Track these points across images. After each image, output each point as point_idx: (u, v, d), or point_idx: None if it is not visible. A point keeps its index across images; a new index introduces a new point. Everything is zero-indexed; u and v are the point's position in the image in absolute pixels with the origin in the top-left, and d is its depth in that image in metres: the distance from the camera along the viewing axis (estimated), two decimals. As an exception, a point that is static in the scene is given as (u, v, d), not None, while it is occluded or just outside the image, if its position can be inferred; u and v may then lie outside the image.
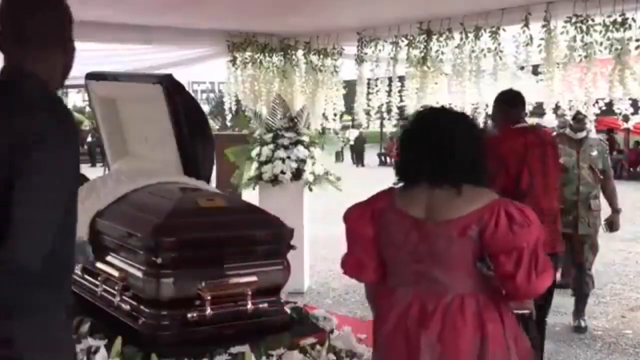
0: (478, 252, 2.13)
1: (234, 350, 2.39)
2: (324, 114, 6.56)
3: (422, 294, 2.14)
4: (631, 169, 20.96)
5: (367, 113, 6.11)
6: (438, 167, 2.14)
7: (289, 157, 6.40)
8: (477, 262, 2.16)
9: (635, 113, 4.49)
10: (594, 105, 4.61)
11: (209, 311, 2.44)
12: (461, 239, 2.10)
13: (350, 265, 2.31)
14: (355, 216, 2.29)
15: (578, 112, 5.05)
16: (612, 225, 5.69)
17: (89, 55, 6.47)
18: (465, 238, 2.10)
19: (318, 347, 2.54)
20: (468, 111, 5.28)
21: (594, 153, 5.51)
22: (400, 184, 2.25)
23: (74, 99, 48.87)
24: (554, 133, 5.77)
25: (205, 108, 32.08)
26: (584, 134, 5.47)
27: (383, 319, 2.21)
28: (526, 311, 2.51)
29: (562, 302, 6.18)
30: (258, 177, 6.49)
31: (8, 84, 1.74)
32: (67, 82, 2.03)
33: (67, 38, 1.89)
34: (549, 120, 5.04)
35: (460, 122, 2.26)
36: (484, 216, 2.10)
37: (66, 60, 1.92)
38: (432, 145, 2.16)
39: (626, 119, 4.46)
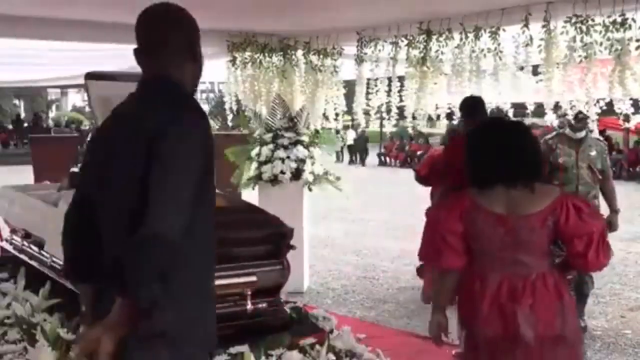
0: (553, 237, 2.71)
1: (234, 350, 2.39)
2: (324, 114, 6.56)
3: (510, 276, 2.66)
4: (631, 169, 20.96)
5: (367, 113, 6.12)
6: (512, 171, 2.66)
7: (288, 157, 6.40)
8: (550, 245, 2.75)
9: (635, 113, 4.49)
10: (595, 105, 4.62)
11: (209, 311, 2.44)
12: (541, 229, 2.65)
13: (429, 253, 2.84)
14: (444, 216, 2.77)
15: (580, 112, 5.06)
16: (610, 225, 5.69)
17: (89, 55, 6.49)
18: (544, 228, 2.65)
19: (318, 347, 2.54)
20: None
21: (593, 153, 5.51)
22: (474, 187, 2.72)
23: (74, 99, 48.91)
24: (554, 133, 5.76)
25: (205, 108, 32.09)
26: (583, 134, 5.47)
27: (477, 300, 2.67)
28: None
29: (562, 302, 6.19)
30: (258, 177, 6.49)
31: (154, 84, 2.13)
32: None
33: (197, 50, 2.21)
34: (547, 121, 5.03)
35: (523, 130, 2.76)
36: (557, 209, 2.66)
37: (195, 68, 2.20)
38: (506, 153, 2.66)
39: (627, 118, 4.46)
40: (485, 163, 2.70)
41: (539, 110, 5.12)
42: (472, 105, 5.06)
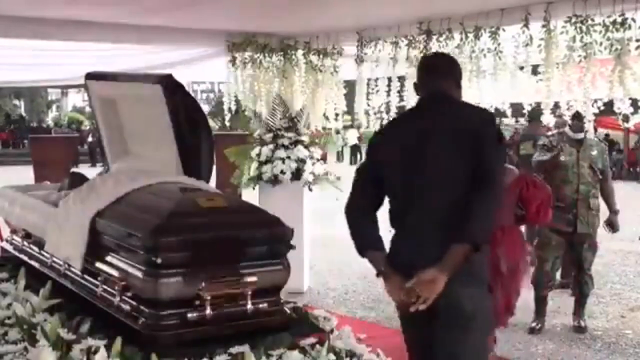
0: (516, 201, 4.28)
1: (234, 350, 2.39)
2: (324, 114, 6.57)
3: None
4: (630, 169, 20.96)
5: (367, 113, 6.12)
6: None
7: (289, 157, 6.40)
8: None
9: (635, 113, 4.49)
10: (592, 105, 4.62)
11: (209, 311, 2.43)
12: (509, 196, 4.02)
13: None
14: None
15: (577, 112, 5.06)
16: (612, 226, 5.70)
17: (89, 55, 6.49)
18: (512, 195, 4.18)
19: (318, 347, 2.54)
20: None
21: (594, 152, 5.52)
22: None
23: (74, 99, 48.91)
24: (554, 131, 5.77)
25: (205, 108, 32.12)
26: (583, 134, 5.48)
27: None
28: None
29: (562, 302, 6.19)
30: (258, 177, 6.49)
31: (454, 102, 2.90)
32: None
33: (460, 80, 3.01)
34: (545, 121, 5.03)
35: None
36: (520, 182, 4.34)
37: (459, 92, 2.97)
38: None
39: (626, 119, 4.46)
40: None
41: (536, 112, 5.12)
42: None
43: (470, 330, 2.66)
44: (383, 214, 2.98)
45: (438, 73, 2.93)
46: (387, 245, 2.94)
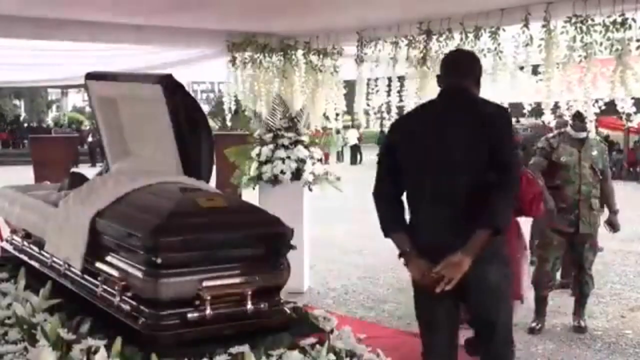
0: None
1: (234, 350, 2.39)
2: (324, 114, 6.56)
3: None
4: (630, 169, 20.96)
5: (367, 113, 6.12)
6: None
7: (289, 157, 6.39)
8: None
9: (637, 112, 4.48)
10: (593, 105, 4.62)
11: (209, 311, 2.43)
12: None
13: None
14: None
15: (578, 111, 5.06)
16: (612, 226, 5.70)
17: (89, 55, 6.49)
18: None
19: (318, 347, 2.54)
20: None
21: (595, 153, 5.51)
22: None
23: (74, 99, 48.92)
24: (555, 132, 5.76)
25: (205, 108, 32.11)
26: (585, 133, 5.47)
27: None
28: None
29: (562, 302, 6.19)
30: (258, 177, 6.49)
31: (472, 97, 3.08)
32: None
33: (480, 77, 3.18)
34: (546, 120, 5.02)
35: None
36: None
37: (479, 89, 3.16)
38: None
39: (629, 118, 4.46)
40: None
41: (536, 110, 5.12)
42: None
43: (499, 299, 3.06)
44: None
45: (460, 70, 3.13)
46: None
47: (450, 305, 3.07)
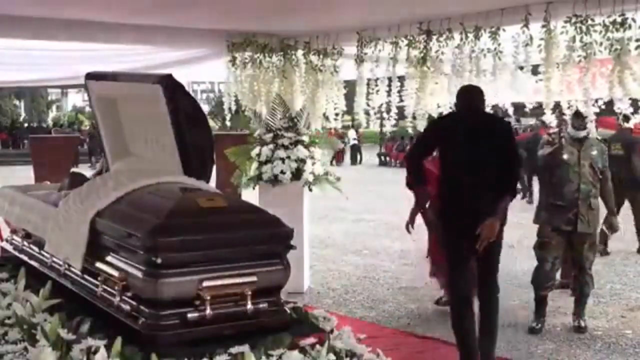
0: None
1: (234, 350, 2.39)
2: (324, 114, 6.56)
3: None
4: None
5: (367, 113, 6.12)
6: None
7: (289, 157, 6.39)
8: None
9: (635, 113, 4.48)
10: (593, 105, 4.62)
11: (209, 311, 2.44)
12: None
13: None
14: None
15: (578, 110, 5.06)
16: (611, 226, 5.69)
17: (89, 55, 6.49)
18: None
19: (318, 347, 2.54)
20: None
21: (594, 152, 5.51)
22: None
23: (74, 99, 48.94)
24: (554, 130, 5.76)
25: (205, 108, 32.09)
26: (585, 132, 5.47)
27: None
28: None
29: (562, 302, 6.18)
30: (258, 177, 6.49)
31: (484, 112, 4.53)
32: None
33: (485, 100, 4.51)
34: (547, 120, 5.03)
35: None
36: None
37: (484, 109, 4.60)
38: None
39: (627, 118, 4.46)
40: None
41: (538, 111, 5.12)
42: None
43: (498, 248, 4.35)
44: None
45: (474, 97, 4.38)
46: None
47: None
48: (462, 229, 4.20)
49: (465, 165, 4.22)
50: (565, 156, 5.46)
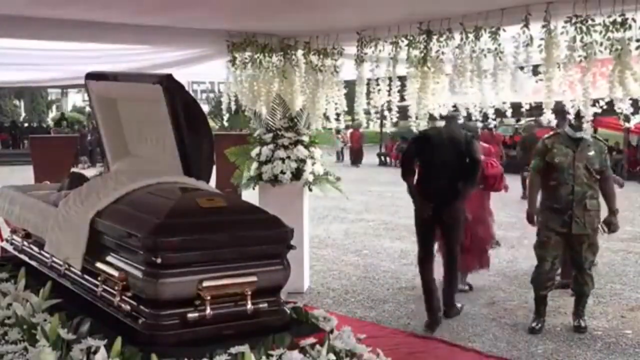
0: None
1: (234, 350, 2.39)
2: (324, 114, 6.56)
3: None
4: (630, 169, 20.94)
5: (367, 113, 6.11)
6: None
7: (289, 157, 6.39)
8: None
9: (635, 113, 4.48)
10: (593, 105, 4.61)
11: (209, 311, 2.44)
12: None
13: None
14: None
15: (578, 111, 5.05)
16: (609, 226, 5.67)
17: (89, 55, 6.49)
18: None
19: (318, 347, 2.54)
20: (473, 112, 5.32)
21: (591, 153, 5.49)
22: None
23: (74, 99, 48.94)
24: (551, 133, 5.76)
25: (205, 108, 32.07)
26: (581, 133, 5.46)
27: None
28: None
29: (562, 302, 6.19)
30: (258, 177, 6.49)
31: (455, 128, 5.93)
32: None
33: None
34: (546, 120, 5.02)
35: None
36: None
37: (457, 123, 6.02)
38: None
39: (627, 119, 4.46)
40: None
41: (535, 112, 5.12)
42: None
43: (458, 222, 5.82)
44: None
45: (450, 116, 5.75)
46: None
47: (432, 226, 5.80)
48: (433, 208, 5.67)
49: (432, 166, 5.81)
50: (558, 159, 5.44)
